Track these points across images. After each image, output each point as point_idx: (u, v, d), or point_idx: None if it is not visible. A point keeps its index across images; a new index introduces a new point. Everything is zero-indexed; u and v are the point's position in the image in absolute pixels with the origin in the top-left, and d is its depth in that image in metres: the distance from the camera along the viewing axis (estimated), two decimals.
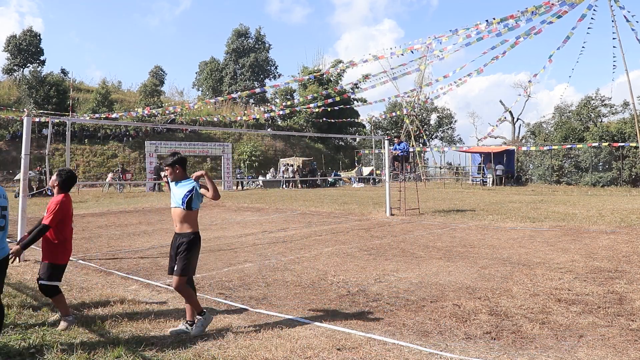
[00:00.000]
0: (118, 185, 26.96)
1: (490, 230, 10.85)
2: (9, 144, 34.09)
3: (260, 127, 44.66)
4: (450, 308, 5.03)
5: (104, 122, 17.36)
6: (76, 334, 4.31)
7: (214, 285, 6.14)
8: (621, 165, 28.95)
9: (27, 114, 7.91)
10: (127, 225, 12.52)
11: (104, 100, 39.70)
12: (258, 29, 56.77)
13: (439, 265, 7.18)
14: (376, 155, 34.91)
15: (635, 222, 11.46)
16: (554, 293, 5.54)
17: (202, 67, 58.83)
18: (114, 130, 37.77)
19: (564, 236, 9.72)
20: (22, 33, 44.37)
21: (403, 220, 13.04)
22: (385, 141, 15.16)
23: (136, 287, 6.10)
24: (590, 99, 34.08)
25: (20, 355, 3.83)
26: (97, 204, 18.21)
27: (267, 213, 15.49)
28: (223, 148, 31.18)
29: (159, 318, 4.76)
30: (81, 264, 7.43)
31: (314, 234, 10.69)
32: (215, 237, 10.30)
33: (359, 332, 4.29)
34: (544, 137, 35.94)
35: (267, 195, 22.84)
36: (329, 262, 7.47)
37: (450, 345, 4.00)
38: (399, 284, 6.05)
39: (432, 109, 49.79)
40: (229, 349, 3.94)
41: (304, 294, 5.66)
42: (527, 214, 13.37)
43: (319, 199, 20.24)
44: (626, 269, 6.70)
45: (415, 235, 10.24)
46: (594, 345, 3.97)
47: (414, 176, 26.56)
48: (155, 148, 29.19)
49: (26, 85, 38.29)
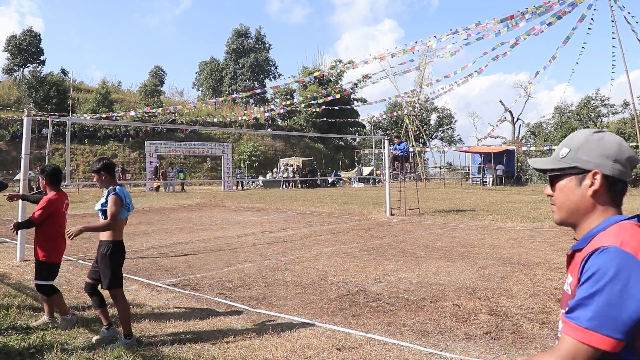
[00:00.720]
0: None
1: (490, 230, 10.85)
2: (9, 144, 34.10)
3: (260, 127, 44.68)
4: (450, 308, 5.03)
5: (104, 122, 17.34)
6: (76, 334, 4.31)
7: (214, 285, 6.14)
8: None
9: (27, 114, 7.91)
10: (127, 225, 12.44)
11: (104, 100, 39.73)
12: (258, 29, 56.87)
13: (439, 265, 7.18)
14: (376, 155, 34.91)
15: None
16: (554, 293, 5.53)
17: (202, 67, 58.86)
18: (114, 130, 37.79)
19: (564, 236, 9.72)
20: (22, 33, 44.43)
21: (403, 220, 13.04)
22: (385, 141, 15.17)
23: (136, 287, 6.10)
24: (590, 99, 34.12)
25: (20, 355, 3.83)
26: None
27: (267, 213, 15.49)
28: (223, 148, 31.19)
29: (159, 318, 4.76)
30: (81, 264, 7.43)
31: (314, 234, 10.69)
32: (215, 237, 10.30)
33: (359, 332, 4.29)
34: (544, 137, 35.98)
35: (267, 195, 22.84)
36: (329, 262, 7.47)
37: (450, 345, 4.00)
38: (399, 284, 6.05)
39: (432, 109, 49.83)
40: (229, 349, 3.94)
41: (304, 294, 5.66)
42: (527, 214, 13.36)
43: (319, 199, 20.24)
44: None
45: (415, 235, 10.24)
46: None
47: (414, 176, 26.57)
48: (155, 148, 29.20)
49: (26, 85, 38.32)
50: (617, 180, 1.29)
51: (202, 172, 38.20)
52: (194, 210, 16.75)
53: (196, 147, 32.08)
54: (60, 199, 4.66)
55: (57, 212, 4.61)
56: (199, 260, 7.79)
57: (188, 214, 15.38)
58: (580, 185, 1.30)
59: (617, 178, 1.28)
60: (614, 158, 1.27)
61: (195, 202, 19.48)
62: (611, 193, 1.30)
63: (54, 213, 4.57)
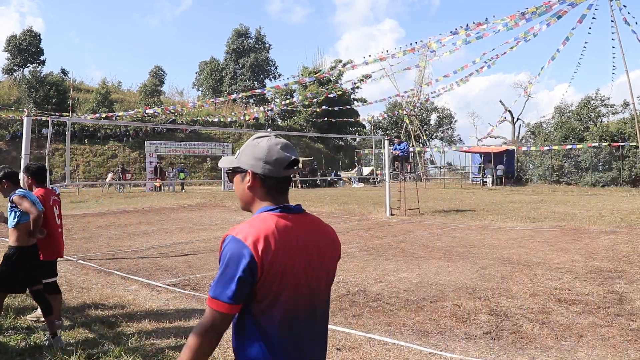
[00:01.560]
0: (118, 185, 26.96)
1: (490, 230, 10.85)
2: (9, 144, 34.10)
3: (260, 127, 44.65)
4: (450, 308, 5.03)
5: (104, 122, 17.30)
6: (76, 334, 4.31)
7: None
8: (621, 165, 28.95)
9: (27, 114, 7.91)
10: (127, 225, 12.51)
11: (104, 100, 39.70)
12: (258, 29, 56.83)
13: (439, 265, 7.18)
14: (376, 155, 34.91)
15: (635, 222, 11.46)
16: (554, 293, 5.54)
17: (202, 67, 58.83)
18: (114, 130, 37.77)
19: (564, 236, 9.72)
20: (22, 33, 44.39)
21: (403, 220, 13.04)
22: (385, 141, 15.17)
23: (136, 287, 6.10)
24: (590, 99, 34.07)
25: (20, 355, 3.83)
26: (97, 204, 18.20)
27: None
28: (223, 148, 31.17)
29: (159, 318, 4.76)
30: (81, 264, 7.43)
31: None
32: (215, 237, 10.30)
33: (359, 332, 4.29)
34: (544, 137, 35.93)
35: None
36: None
37: (450, 345, 4.00)
38: (399, 284, 6.05)
39: (432, 109, 49.79)
40: (229, 349, 3.94)
41: None
42: (527, 214, 13.36)
43: (319, 199, 20.23)
44: (626, 269, 6.70)
45: (415, 235, 10.24)
46: (594, 345, 3.97)
47: (414, 176, 26.57)
48: (155, 148, 29.19)
49: (26, 85, 38.29)
50: (268, 178, 1.56)
51: (202, 172, 38.19)
52: (194, 210, 16.75)
53: (196, 147, 32.07)
54: (48, 194, 4.62)
55: (46, 208, 4.57)
56: (199, 260, 7.78)
57: (188, 214, 15.37)
58: (243, 181, 1.59)
59: (267, 176, 1.55)
60: (264, 160, 1.54)
61: (195, 202, 19.48)
62: (265, 188, 1.57)
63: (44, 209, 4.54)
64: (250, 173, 1.57)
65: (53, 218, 4.65)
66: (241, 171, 1.60)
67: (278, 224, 1.50)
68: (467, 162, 36.79)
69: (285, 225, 1.51)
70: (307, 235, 1.56)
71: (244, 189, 1.60)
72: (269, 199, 1.58)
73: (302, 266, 1.51)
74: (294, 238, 1.51)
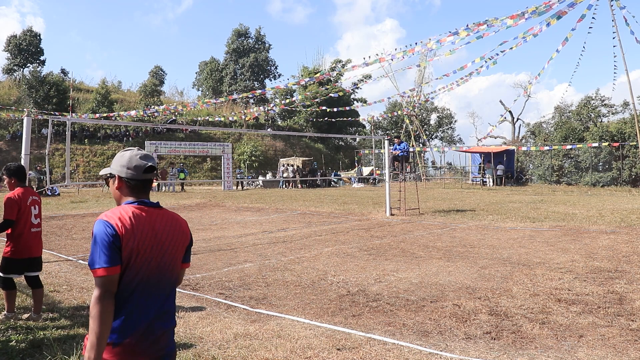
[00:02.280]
0: None
1: (490, 230, 10.85)
2: (9, 144, 34.09)
3: (260, 127, 44.68)
4: (450, 308, 5.03)
5: (104, 122, 17.30)
6: (76, 334, 4.31)
7: (214, 285, 6.14)
8: (621, 165, 28.96)
9: (27, 114, 7.92)
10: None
11: (104, 100, 39.70)
12: (258, 29, 56.80)
13: (439, 265, 7.18)
14: (376, 155, 34.91)
15: (635, 222, 11.46)
16: (554, 293, 5.54)
17: (202, 67, 58.85)
18: (114, 130, 37.77)
19: (564, 236, 9.72)
20: (22, 33, 44.39)
21: (403, 220, 13.04)
22: (385, 141, 15.17)
23: None
24: (590, 99, 34.09)
25: (20, 355, 3.83)
26: (97, 204, 18.20)
27: (267, 213, 15.49)
28: (223, 148, 31.17)
29: None
30: (81, 264, 7.43)
31: (314, 234, 10.69)
32: (215, 237, 10.30)
33: (359, 332, 4.29)
34: (544, 137, 35.95)
35: (267, 195, 22.83)
36: (329, 262, 7.47)
37: (450, 345, 4.00)
38: (399, 284, 6.05)
39: (432, 109, 49.80)
40: (229, 349, 3.94)
41: (304, 294, 5.66)
42: (527, 214, 13.37)
43: (319, 199, 20.24)
44: (626, 269, 6.70)
45: (415, 235, 10.24)
46: (594, 345, 3.97)
47: (414, 176, 26.56)
48: (155, 148, 29.19)
49: (26, 85, 38.29)
50: (130, 179, 2.07)
51: (202, 172, 38.20)
52: (194, 210, 16.75)
53: (196, 147, 32.07)
54: (25, 194, 4.68)
55: (21, 208, 4.62)
56: (199, 260, 7.78)
57: (188, 214, 15.37)
58: (114, 183, 2.11)
59: (130, 178, 2.07)
60: (126, 166, 2.07)
61: (195, 202, 19.48)
62: (130, 188, 2.08)
63: (21, 208, 4.59)
64: (117, 177, 2.09)
65: (29, 217, 4.71)
66: (112, 176, 2.12)
67: (134, 212, 2.00)
68: (467, 162, 36.81)
69: (139, 214, 2.01)
70: (158, 223, 2.05)
71: (114, 189, 2.12)
72: (132, 196, 2.08)
73: (151, 244, 1.99)
74: (146, 223, 2.00)
